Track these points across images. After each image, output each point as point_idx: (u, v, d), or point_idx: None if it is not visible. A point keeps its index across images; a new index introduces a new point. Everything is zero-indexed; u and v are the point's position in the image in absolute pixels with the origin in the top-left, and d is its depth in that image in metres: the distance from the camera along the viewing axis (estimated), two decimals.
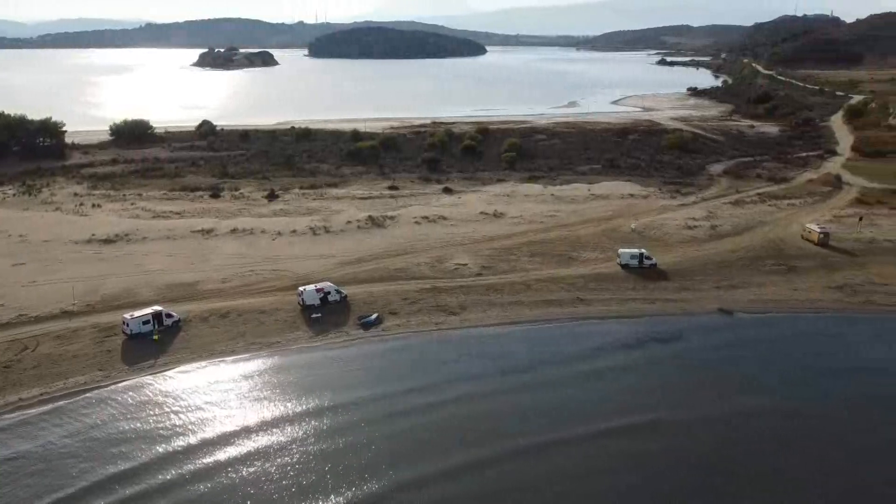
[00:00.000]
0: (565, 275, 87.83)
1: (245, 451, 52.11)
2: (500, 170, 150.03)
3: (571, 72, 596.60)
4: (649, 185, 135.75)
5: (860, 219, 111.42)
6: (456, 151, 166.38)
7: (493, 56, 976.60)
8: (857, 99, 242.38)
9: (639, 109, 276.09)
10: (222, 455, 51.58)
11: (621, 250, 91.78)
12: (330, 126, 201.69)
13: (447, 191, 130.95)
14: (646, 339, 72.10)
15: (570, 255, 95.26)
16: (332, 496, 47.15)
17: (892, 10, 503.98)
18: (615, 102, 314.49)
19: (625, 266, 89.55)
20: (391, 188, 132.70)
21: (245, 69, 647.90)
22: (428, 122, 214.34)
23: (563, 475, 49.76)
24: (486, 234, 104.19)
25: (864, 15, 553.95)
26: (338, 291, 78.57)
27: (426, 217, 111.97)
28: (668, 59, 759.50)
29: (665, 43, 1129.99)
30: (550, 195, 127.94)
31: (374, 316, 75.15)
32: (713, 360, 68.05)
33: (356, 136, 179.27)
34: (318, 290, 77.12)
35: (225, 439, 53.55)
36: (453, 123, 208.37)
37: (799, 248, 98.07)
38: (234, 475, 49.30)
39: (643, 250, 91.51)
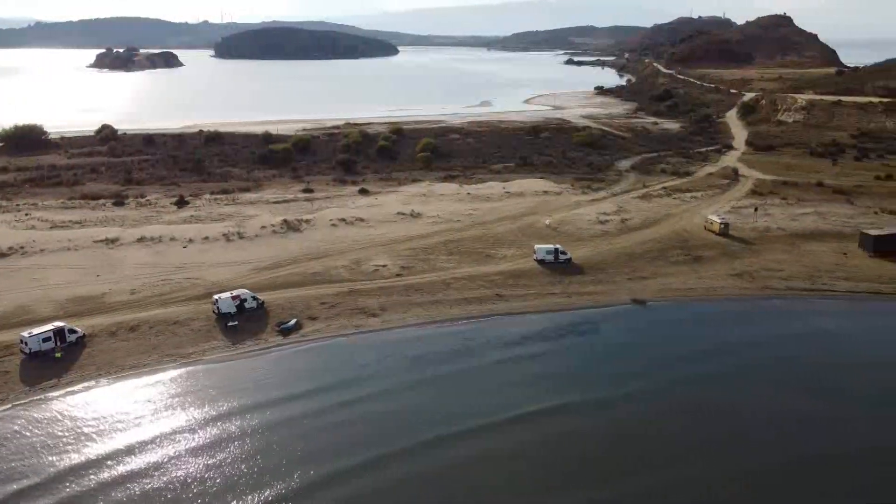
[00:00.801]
0: (484, 272, 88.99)
1: (153, 462, 50.61)
2: (415, 170, 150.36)
3: (483, 71, 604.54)
4: (562, 181, 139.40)
5: (755, 209, 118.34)
6: (371, 152, 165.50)
7: (406, 56, 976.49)
8: (749, 96, 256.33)
9: (549, 108, 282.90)
10: (130, 468, 49.76)
11: (537, 246, 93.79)
12: (240, 129, 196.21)
13: (363, 192, 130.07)
14: (564, 331, 74.20)
15: (488, 252, 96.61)
16: (243, 498, 46.78)
17: (776, 13, 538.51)
18: (527, 101, 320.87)
19: (541, 261, 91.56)
20: (306, 191, 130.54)
21: (147, 70, 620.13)
22: (342, 123, 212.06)
23: (481, 459, 51.77)
24: (404, 234, 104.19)
25: (752, 17, 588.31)
26: (254, 298, 76.61)
27: (343, 219, 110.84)
28: (576, 58, 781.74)
29: (572, 43, 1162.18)
30: (466, 194, 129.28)
31: (293, 321, 73.75)
32: (627, 347, 70.74)
33: (268, 138, 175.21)
34: (233, 298, 74.92)
35: (133, 452, 51.59)
36: (367, 124, 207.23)
37: (702, 238, 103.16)
38: (144, 486, 47.85)
39: (558, 246, 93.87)
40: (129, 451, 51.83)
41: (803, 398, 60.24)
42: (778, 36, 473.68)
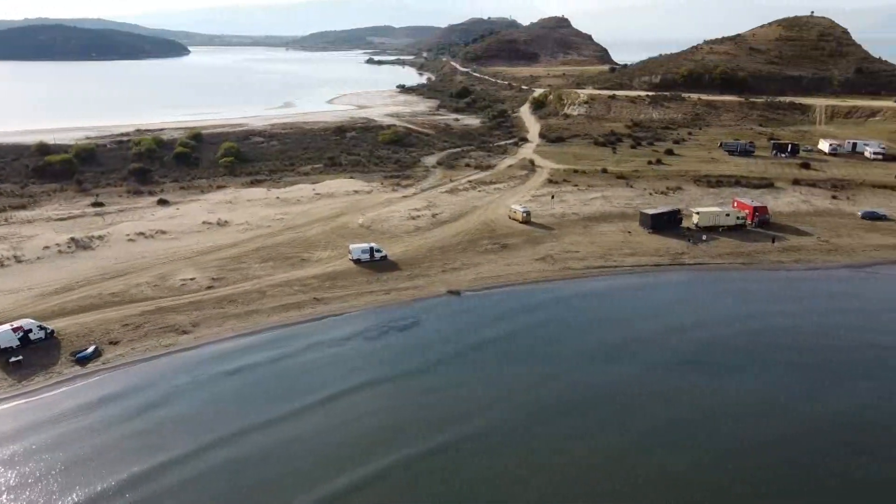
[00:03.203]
0: (300, 276, 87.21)
1: None
2: (218, 176, 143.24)
3: (284, 72, 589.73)
4: (371, 180, 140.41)
5: (552, 196, 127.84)
6: (168, 160, 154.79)
7: (198, 57, 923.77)
8: (538, 92, 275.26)
9: (354, 107, 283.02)
10: None
11: (352, 246, 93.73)
12: (7, 139, 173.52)
13: (162, 202, 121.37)
14: (385, 327, 74.96)
15: (303, 256, 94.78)
16: None
17: (555, 15, 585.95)
18: (330, 101, 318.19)
19: (357, 261, 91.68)
20: (95, 205, 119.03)
21: None
22: (131, 129, 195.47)
23: (296, 439, 54.66)
24: (212, 244, 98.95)
25: (535, 18, 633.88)
26: (41, 327, 68.56)
27: (142, 233, 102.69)
28: (376, 58, 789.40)
29: (371, 43, 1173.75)
30: (275, 198, 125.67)
31: (92, 349, 67.08)
32: (442, 335, 73.21)
33: (43, 149, 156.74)
34: (14, 330, 66.46)
35: None
36: (161, 130, 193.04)
37: (508, 227, 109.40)
38: None
39: (373, 244, 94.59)
40: None
41: (594, 361, 67.18)
42: (558, 36, 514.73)
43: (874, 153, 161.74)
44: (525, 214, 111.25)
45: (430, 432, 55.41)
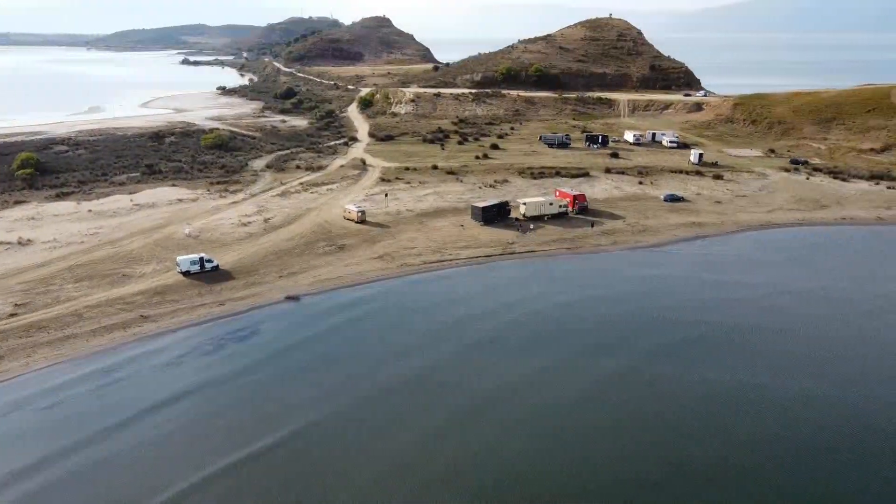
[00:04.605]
0: (122, 294, 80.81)
1: None
2: (15, 190, 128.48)
3: (87, 74, 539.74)
4: (196, 187, 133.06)
5: (385, 195, 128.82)
6: None
7: None
8: (365, 91, 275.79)
9: (171, 111, 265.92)
10: None
11: (180, 258, 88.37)
12: None
13: None
14: (221, 340, 71.72)
15: (124, 272, 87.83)
16: None
17: (377, 15, 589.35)
18: (144, 105, 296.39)
19: (186, 273, 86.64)
20: None
21: None
22: None
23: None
24: (14, 266, 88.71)
25: (357, 17, 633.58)
26: None
27: None
28: (192, 58, 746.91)
29: (185, 42, 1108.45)
30: (87, 211, 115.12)
31: None
32: (283, 343, 71.57)
33: None
34: None
35: None
36: None
37: (343, 227, 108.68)
38: None
39: (203, 254, 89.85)
40: None
41: (422, 351, 69.35)
42: (381, 35, 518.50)
43: (670, 142, 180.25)
44: (360, 214, 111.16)
45: (253, 438, 54.73)
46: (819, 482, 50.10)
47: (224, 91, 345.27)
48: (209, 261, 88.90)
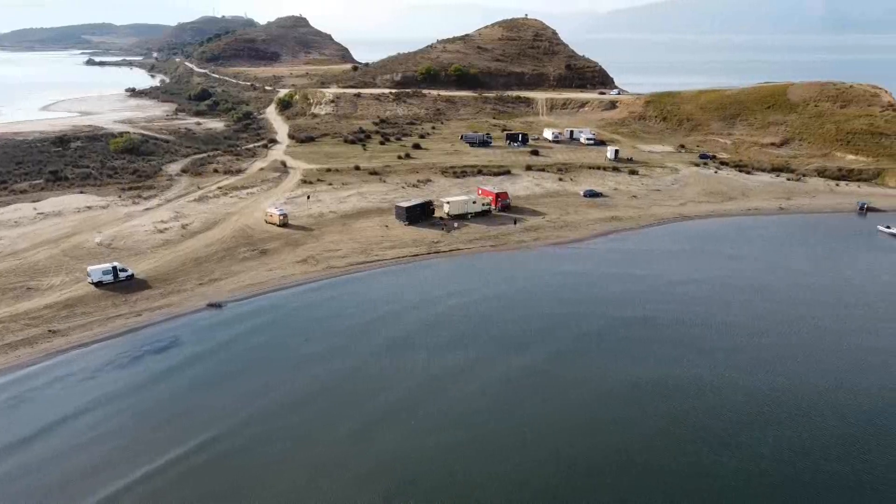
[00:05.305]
0: (27, 309, 76.33)
1: None
2: None
3: None
4: (107, 193, 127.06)
5: (308, 197, 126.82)
6: None
7: None
8: (284, 92, 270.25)
9: (76, 114, 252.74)
10: None
11: (91, 268, 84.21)
12: None
13: None
14: (138, 351, 68.90)
15: (28, 285, 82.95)
16: None
17: (293, 15, 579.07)
18: (46, 108, 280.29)
19: (99, 283, 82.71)
20: None
21: None
22: None
23: None
24: None
25: (272, 17, 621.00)
26: None
27: None
28: (98, 59, 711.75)
29: (90, 42, 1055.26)
30: None
31: None
32: (207, 353, 69.43)
33: None
34: None
35: None
36: None
37: (266, 231, 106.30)
38: None
39: (116, 263, 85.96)
40: None
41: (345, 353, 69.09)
42: (298, 35, 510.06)
43: (587, 139, 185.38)
44: (282, 217, 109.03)
45: (168, 447, 53.53)
46: (708, 467, 52.23)
47: (134, 93, 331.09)
48: (123, 270, 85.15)
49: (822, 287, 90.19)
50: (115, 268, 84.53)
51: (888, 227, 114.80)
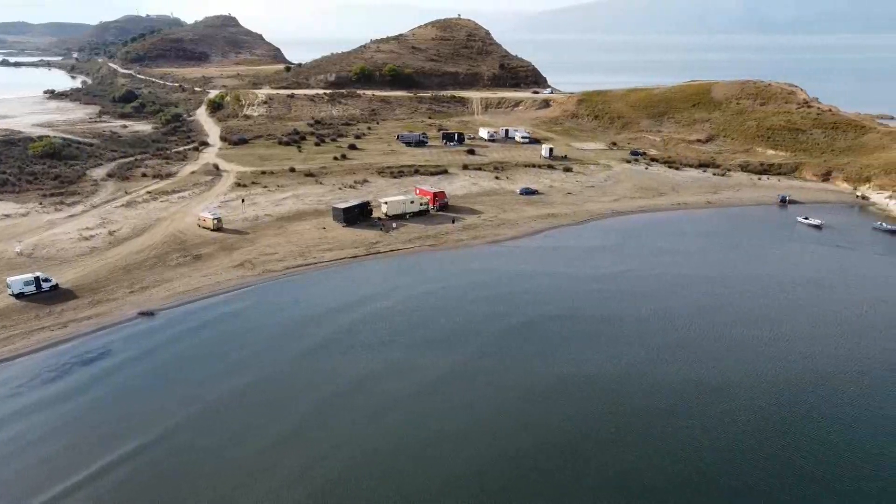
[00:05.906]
0: None
1: None
2: None
3: None
4: (26, 200, 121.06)
5: (242, 200, 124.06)
6: None
7: None
8: (214, 93, 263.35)
9: None
10: None
11: (10, 279, 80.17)
12: None
13: None
14: (65, 365, 66.04)
15: None
16: None
17: (222, 14, 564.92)
18: None
19: (20, 295, 78.81)
20: None
21: None
22: None
23: None
24: None
25: (200, 17, 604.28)
26: None
27: None
28: (12, 59, 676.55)
29: (3, 42, 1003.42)
30: None
31: None
32: (137, 361, 67.45)
33: None
34: None
35: None
36: None
37: (199, 236, 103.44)
38: None
39: (39, 273, 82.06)
40: None
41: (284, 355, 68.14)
42: (227, 35, 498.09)
43: (522, 138, 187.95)
44: (216, 221, 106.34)
45: (95, 456, 52.54)
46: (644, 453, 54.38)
47: (53, 95, 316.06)
48: (46, 280, 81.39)
49: (748, 277, 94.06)
50: (37, 278, 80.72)
51: (807, 219, 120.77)
